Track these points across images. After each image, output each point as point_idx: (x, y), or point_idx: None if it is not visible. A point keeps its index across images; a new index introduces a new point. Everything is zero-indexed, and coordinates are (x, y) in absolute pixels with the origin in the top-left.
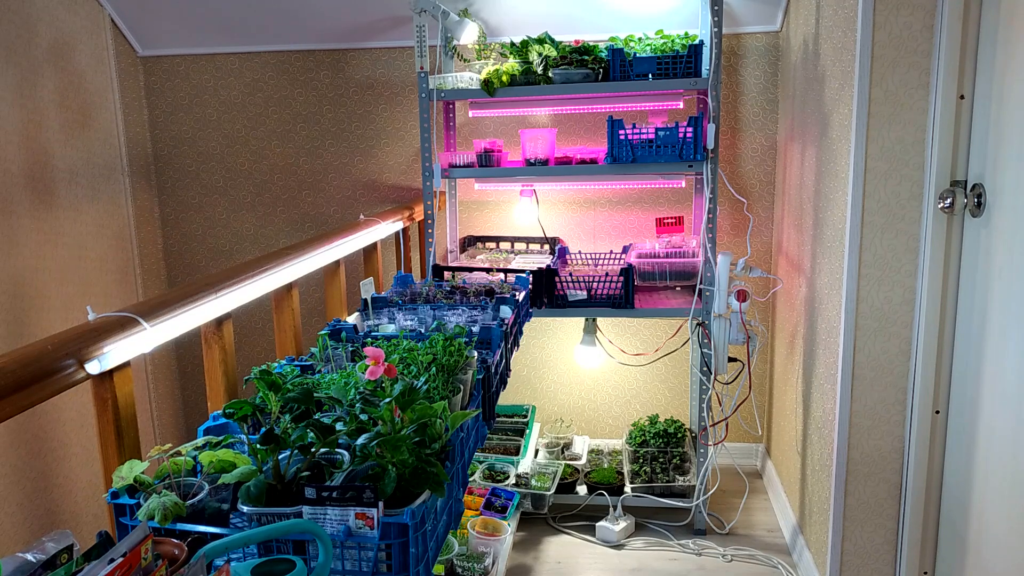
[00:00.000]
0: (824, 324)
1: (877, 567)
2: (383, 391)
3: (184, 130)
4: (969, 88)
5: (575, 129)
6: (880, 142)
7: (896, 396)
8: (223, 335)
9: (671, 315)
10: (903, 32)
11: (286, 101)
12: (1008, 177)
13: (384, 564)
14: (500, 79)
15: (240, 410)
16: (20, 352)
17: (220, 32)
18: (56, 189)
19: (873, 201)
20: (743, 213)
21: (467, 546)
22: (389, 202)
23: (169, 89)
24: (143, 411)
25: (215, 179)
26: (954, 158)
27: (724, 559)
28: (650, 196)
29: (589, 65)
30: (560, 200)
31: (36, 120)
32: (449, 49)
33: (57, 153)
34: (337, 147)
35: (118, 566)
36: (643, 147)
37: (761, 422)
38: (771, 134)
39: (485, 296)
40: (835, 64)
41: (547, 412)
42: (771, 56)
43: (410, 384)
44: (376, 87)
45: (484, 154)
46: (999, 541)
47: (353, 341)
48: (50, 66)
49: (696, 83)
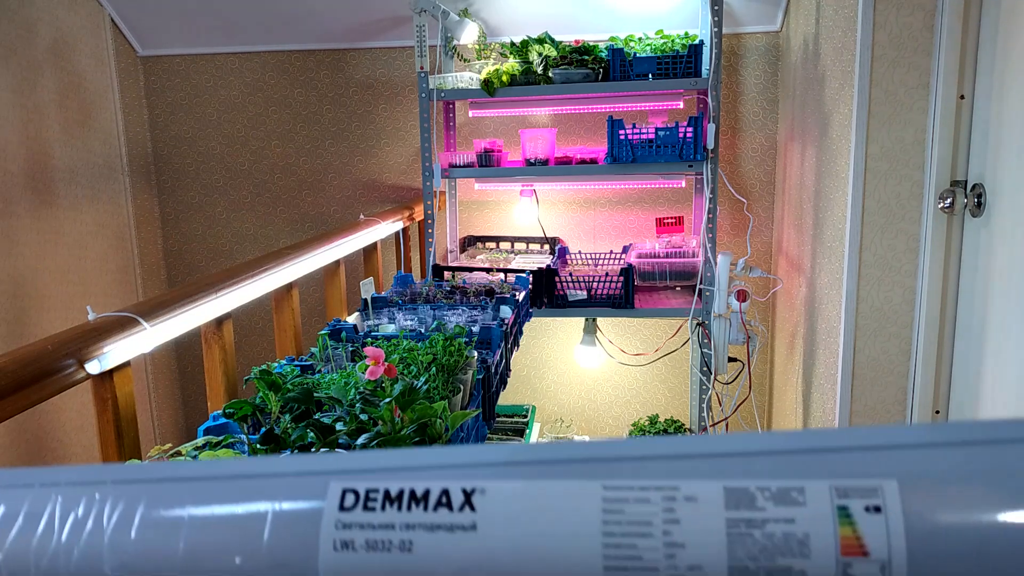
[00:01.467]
0: (824, 324)
1: None
2: (383, 391)
3: (184, 130)
4: (969, 88)
5: (575, 129)
6: (880, 142)
7: (896, 396)
8: (223, 335)
9: (671, 315)
10: (903, 32)
11: (286, 101)
12: (1008, 177)
13: None
14: (500, 79)
15: (240, 410)
16: (20, 352)
17: (220, 32)
18: (56, 189)
19: (873, 201)
20: (743, 213)
21: None
22: (389, 202)
23: (169, 89)
24: (143, 411)
25: (215, 179)
26: (954, 158)
27: None
28: (650, 196)
29: (589, 65)
30: (560, 200)
31: (36, 120)
32: (449, 49)
33: (57, 153)
34: (337, 147)
35: None
36: (643, 147)
37: (761, 422)
38: (771, 134)
39: (485, 296)
40: (835, 64)
41: (547, 412)
42: (771, 56)
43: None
44: (376, 87)
45: (484, 154)
46: None
47: (353, 341)
48: (50, 66)
49: (696, 83)
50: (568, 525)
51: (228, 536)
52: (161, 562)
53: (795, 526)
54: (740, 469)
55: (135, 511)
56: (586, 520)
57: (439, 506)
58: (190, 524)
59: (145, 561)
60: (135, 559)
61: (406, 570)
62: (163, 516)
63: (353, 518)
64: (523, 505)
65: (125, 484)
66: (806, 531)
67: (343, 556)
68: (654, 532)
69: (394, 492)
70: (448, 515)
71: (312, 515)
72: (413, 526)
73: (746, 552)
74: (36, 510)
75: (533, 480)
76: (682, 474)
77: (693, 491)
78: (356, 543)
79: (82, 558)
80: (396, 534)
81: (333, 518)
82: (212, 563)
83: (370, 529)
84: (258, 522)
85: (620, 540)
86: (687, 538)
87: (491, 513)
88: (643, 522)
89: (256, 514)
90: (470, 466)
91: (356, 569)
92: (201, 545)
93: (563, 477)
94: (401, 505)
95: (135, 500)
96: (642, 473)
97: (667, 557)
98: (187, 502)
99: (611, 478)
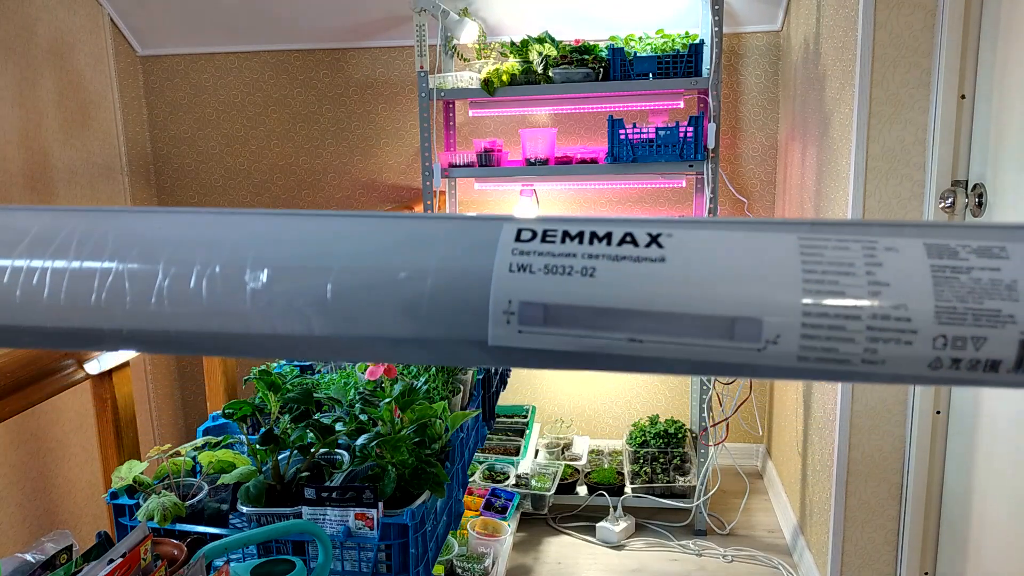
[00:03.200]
0: None
1: (878, 567)
2: (383, 391)
3: (183, 130)
4: (970, 88)
5: (575, 128)
6: (881, 142)
7: (897, 396)
8: None
9: None
10: (904, 32)
11: (285, 100)
12: (1009, 177)
13: (384, 565)
14: (500, 78)
15: (239, 410)
16: (20, 352)
17: (219, 31)
18: (55, 189)
19: (874, 201)
20: (744, 213)
21: (467, 547)
22: (389, 202)
23: (168, 89)
24: (142, 411)
25: (214, 179)
26: (955, 158)
27: (725, 559)
28: (651, 196)
29: (589, 64)
30: (560, 200)
31: (35, 120)
32: (449, 48)
33: (56, 153)
34: (337, 147)
35: (117, 566)
36: (643, 147)
37: (761, 422)
38: (772, 134)
39: None
40: (836, 64)
41: (547, 412)
42: (772, 55)
43: (410, 384)
44: (376, 86)
45: (484, 154)
46: (1000, 542)
47: None
48: (49, 65)
49: (697, 83)
50: (764, 265)
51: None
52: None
53: (1001, 274)
54: (937, 232)
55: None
56: (784, 260)
57: (623, 243)
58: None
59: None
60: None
61: (587, 292)
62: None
63: (531, 247)
64: (714, 247)
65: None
66: (1014, 277)
67: (519, 277)
68: (856, 271)
69: (573, 232)
70: (633, 249)
71: (485, 248)
72: (596, 256)
73: (953, 293)
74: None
75: (720, 230)
76: (878, 234)
77: (893, 243)
78: (534, 266)
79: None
80: (577, 261)
81: (509, 247)
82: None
83: (549, 256)
84: (427, 253)
85: (821, 277)
86: (891, 278)
87: (680, 250)
88: (844, 263)
89: (424, 260)
90: (651, 222)
91: (533, 289)
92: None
93: (753, 231)
94: (583, 240)
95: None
96: (835, 232)
97: (871, 295)
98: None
99: (805, 232)
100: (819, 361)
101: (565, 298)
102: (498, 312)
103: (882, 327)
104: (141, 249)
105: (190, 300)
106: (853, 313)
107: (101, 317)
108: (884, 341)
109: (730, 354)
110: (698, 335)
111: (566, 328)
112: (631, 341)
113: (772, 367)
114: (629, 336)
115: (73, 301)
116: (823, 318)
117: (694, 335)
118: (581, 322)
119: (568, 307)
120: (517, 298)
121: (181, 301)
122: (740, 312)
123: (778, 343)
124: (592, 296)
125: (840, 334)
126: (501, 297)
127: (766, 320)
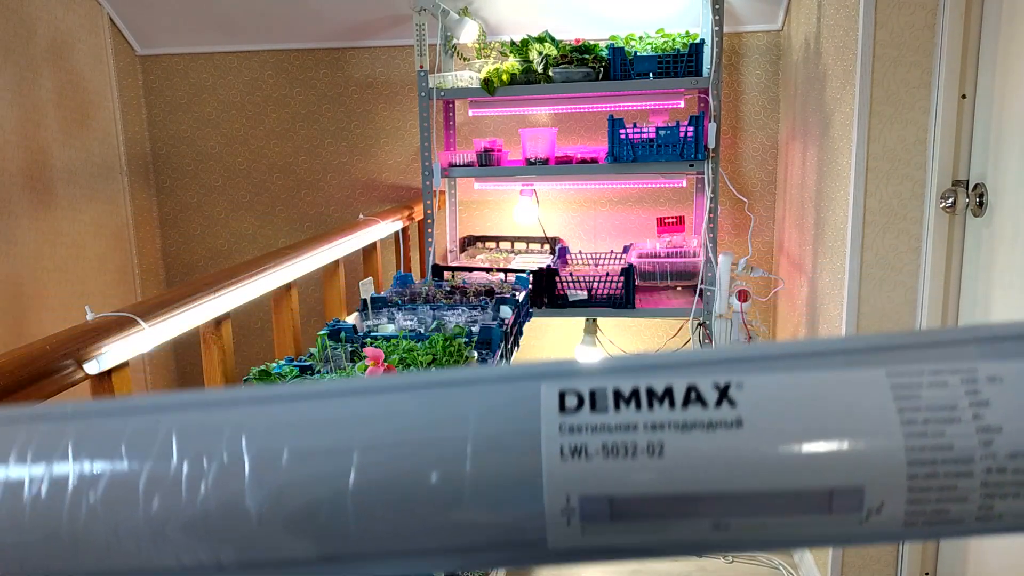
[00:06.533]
0: (826, 324)
1: (878, 568)
2: None
3: (183, 129)
4: (971, 87)
5: (575, 128)
6: (882, 141)
7: None
8: (222, 335)
9: (672, 315)
10: (905, 31)
11: (285, 100)
12: (1010, 176)
13: None
14: (500, 78)
15: None
16: (19, 352)
17: (219, 31)
18: (54, 189)
19: (875, 201)
20: (744, 213)
21: None
22: (388, 201)
23: (168, 88)
24: None
25: (214, 178)
26: (956, 158)
27: (725, 560)
28: (651, 196)
29: (589, 64)
30: (560, 199)
31: (34, 119)
32: (449, 48)
33: (55, 152)
34: (336, 146)
35: None
36: (644, 146)
37: None
38: (772, 133)
39: (485, 296)
40: (836, 63)
41: None
42: (772, 55)
43: None
44: (376, 86)
45: (484, 153)
46: (1002, 542)
47: (352, 341)
48: (48, 65)
49: (697, 82)
50: (857, 417)
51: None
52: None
53: None
54: None
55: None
56: (877, 408)
57: (688, 403)
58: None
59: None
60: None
61: (658, 477)
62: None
63: (581, 420)
64: (794, 397)
65: (294, 400)
66: None
67: (574, 465)
68: (961, 415)
69: (627, 391)
70: (703, 412)
71: (525, 426)
72: (661, 426)
73: None
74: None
75: (795, 372)
76: (970, 357)
77: (995, 372)
78: (589, 448)
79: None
80: (641, 436)
81: (555, 423)
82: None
83: (605, 432)
84: (459, 440)
85: (923, 428)
86: (1002, 419)
87: (757, 407)
88: (946, 407)
89: (456, 432)
90: (711, 363)
91: (594, 480)
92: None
93: (831, 368)
94: (639, 403)
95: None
96: (925, 359)
97: (983, 444)
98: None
99: (892, 364)
100: (928, 525)
101: (633, 487)
102: (555, 512)
103: (998, 481)
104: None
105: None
106: (964, 470)
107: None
108: (1001, 497)
109: (827, 528)
110: (791, 512)
111: (639, 522)
112: (715, 528)
113: (874, 535)
114: (713, 522)
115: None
116: (931, 480)
117: (787, 513)
118: (655, 512)
119: (638, 499)
120: (576, 492)
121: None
122: (838, 482)
123: (882, 512)
124: (665, 481)
125: (951, 494)
126: (556, 493)
127: (868, 488)
